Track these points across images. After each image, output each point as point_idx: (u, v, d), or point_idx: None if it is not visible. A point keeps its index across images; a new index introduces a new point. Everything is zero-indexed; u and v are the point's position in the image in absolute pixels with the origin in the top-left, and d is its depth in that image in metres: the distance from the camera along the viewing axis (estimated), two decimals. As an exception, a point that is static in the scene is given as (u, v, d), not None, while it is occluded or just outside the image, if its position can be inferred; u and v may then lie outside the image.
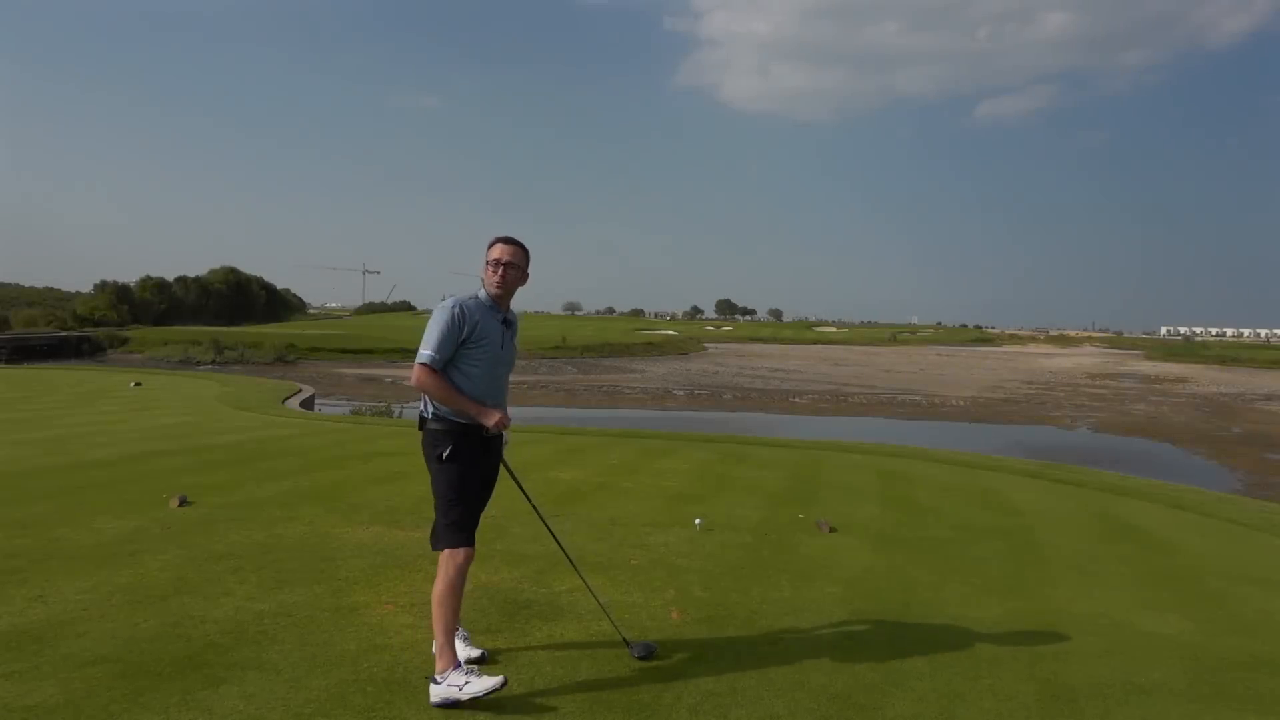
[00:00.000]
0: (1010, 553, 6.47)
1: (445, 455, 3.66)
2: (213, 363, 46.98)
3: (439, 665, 3.50)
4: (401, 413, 20.62)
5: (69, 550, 5.38)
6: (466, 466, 3.69)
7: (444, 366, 3.66)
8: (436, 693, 3.43)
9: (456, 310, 3.65)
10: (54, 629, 4.04)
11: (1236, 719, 3.71)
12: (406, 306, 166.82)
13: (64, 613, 4.26)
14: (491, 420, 3.70)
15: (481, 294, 3.78)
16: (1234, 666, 4.33)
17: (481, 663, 3.83)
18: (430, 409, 3.72)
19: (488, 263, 3.77)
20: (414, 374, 3.66)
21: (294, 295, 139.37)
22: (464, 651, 3.81)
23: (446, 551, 3.62)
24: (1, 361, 37.14)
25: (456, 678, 3.45)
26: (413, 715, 3.34)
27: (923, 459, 11.72)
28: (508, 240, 3.79)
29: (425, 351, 3.63)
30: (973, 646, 4.39)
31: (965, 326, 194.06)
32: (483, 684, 3.42)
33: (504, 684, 3.46)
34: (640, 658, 3.95)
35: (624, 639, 4.06)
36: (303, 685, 3.53)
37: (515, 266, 3.77)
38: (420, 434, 3.79)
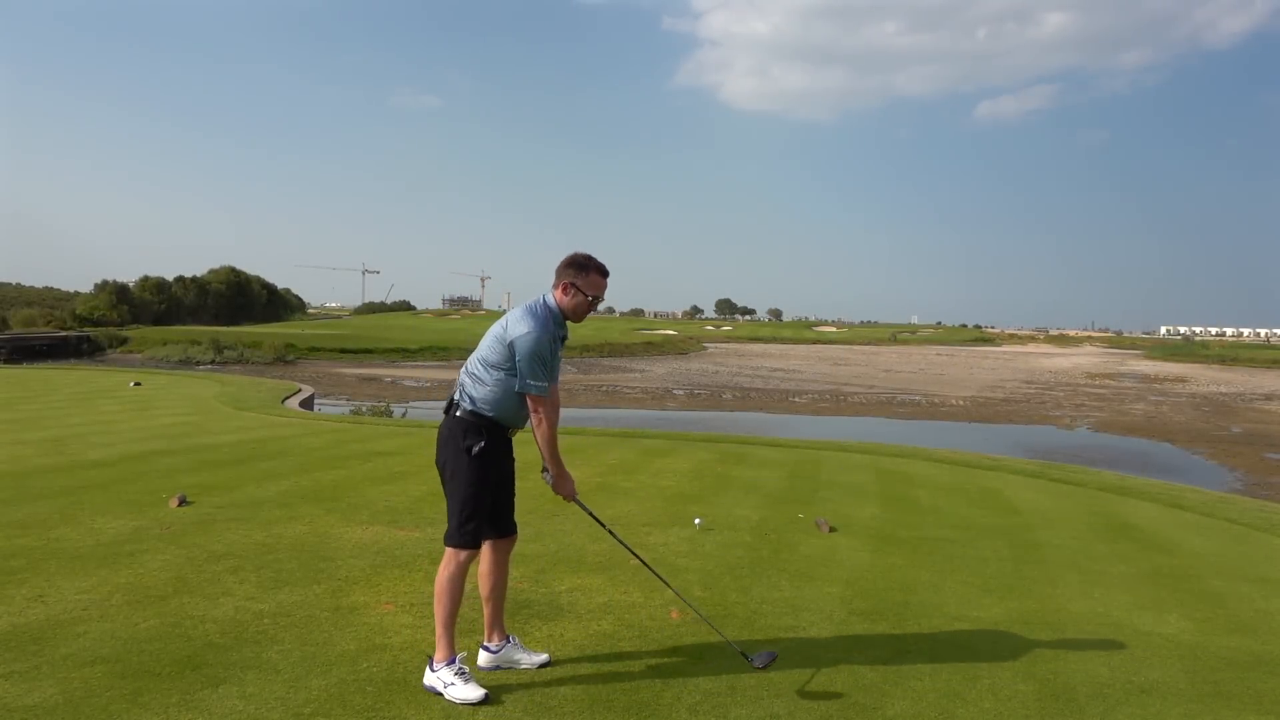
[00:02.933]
0: (1010, 553, 6.47)
1: (476, 450, 3.61)
2: (212, 363, 46.95)
3: (437, 653, 3.57)
4: (406, 413, 20.61)
5: (69, 550, 5.39)
6: (491, 466, 3.66)
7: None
8: (428, 678, 3.54)
9: (545, 338, 3.60)
10: (54, 629, 4.04)
11: (1236, 719, 3.72)
12: (406, 306, 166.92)
13: (64, 613, 4.27)
14: (567, 488, 3.76)
15: (552, 304, 3.70)
16: (1234, 666, 4.34)
17: (547, 666, 3.87)
18: (468, 400, 3.65)
19: (580, 289, 3.66)
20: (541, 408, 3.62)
21: (294, 295, 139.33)
22: (529, 658, 3.86)
23: (450, 548, 3.64)
24: (1, 361, 37.11)
25: (447, 674, 3.50)
26: (413, 715, 3.34)
27: (923, 459, 11.72)
28: (606, 272, 3.72)
29: (540, 384, 3.58)
30: (973, 646, 4.39)
31: (965, 326, 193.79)
32: (466, 692, 3.46)
33: (485, 700, 3.46)
34: (763, 667, 3.77)
35: (741, 652, 3.89)
36: (302, 685, 3.53)
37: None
38: (446, 421, 3.71)
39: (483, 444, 3.62)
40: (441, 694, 3.47)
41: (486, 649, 3.86)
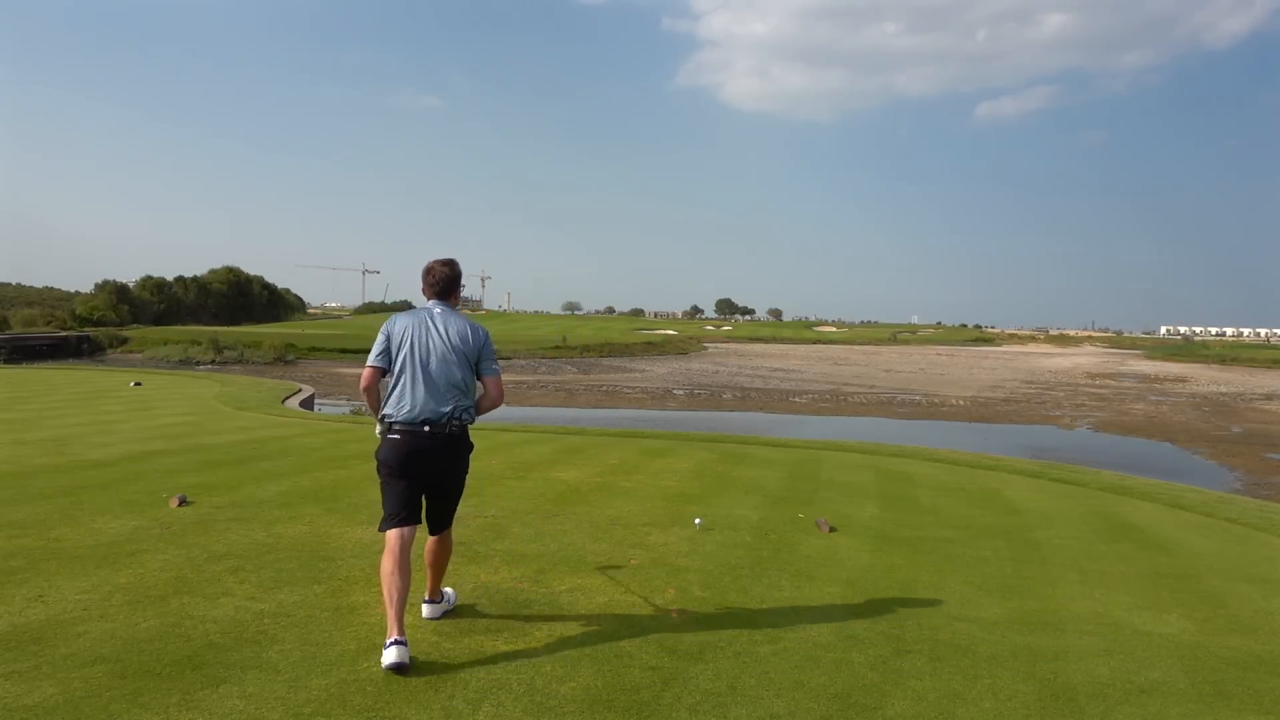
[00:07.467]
0: (1010, 552, 6.47)
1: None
2: (212, 363, 46.96)
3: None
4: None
5: (69, 550, 5.39)
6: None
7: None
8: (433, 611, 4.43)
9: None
10: (54, 629, 4.04)
11: (1236, 719, 3.72)
12: (407, 306, 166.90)
13: (64, 613, 4.27)
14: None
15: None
16: (1234, 666, 4.34)
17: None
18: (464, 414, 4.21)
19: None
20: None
21: (294, 295, 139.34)
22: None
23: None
24: (1, 361, 37.11)
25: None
26: (413, 715, 3.34)
27: (923, 459, 11.72)
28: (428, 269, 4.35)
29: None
30: (973, 646, 4.39)
31: (965, 326, 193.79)
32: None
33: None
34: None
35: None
36: (302, 685, 3.53)
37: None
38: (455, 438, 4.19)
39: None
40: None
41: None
